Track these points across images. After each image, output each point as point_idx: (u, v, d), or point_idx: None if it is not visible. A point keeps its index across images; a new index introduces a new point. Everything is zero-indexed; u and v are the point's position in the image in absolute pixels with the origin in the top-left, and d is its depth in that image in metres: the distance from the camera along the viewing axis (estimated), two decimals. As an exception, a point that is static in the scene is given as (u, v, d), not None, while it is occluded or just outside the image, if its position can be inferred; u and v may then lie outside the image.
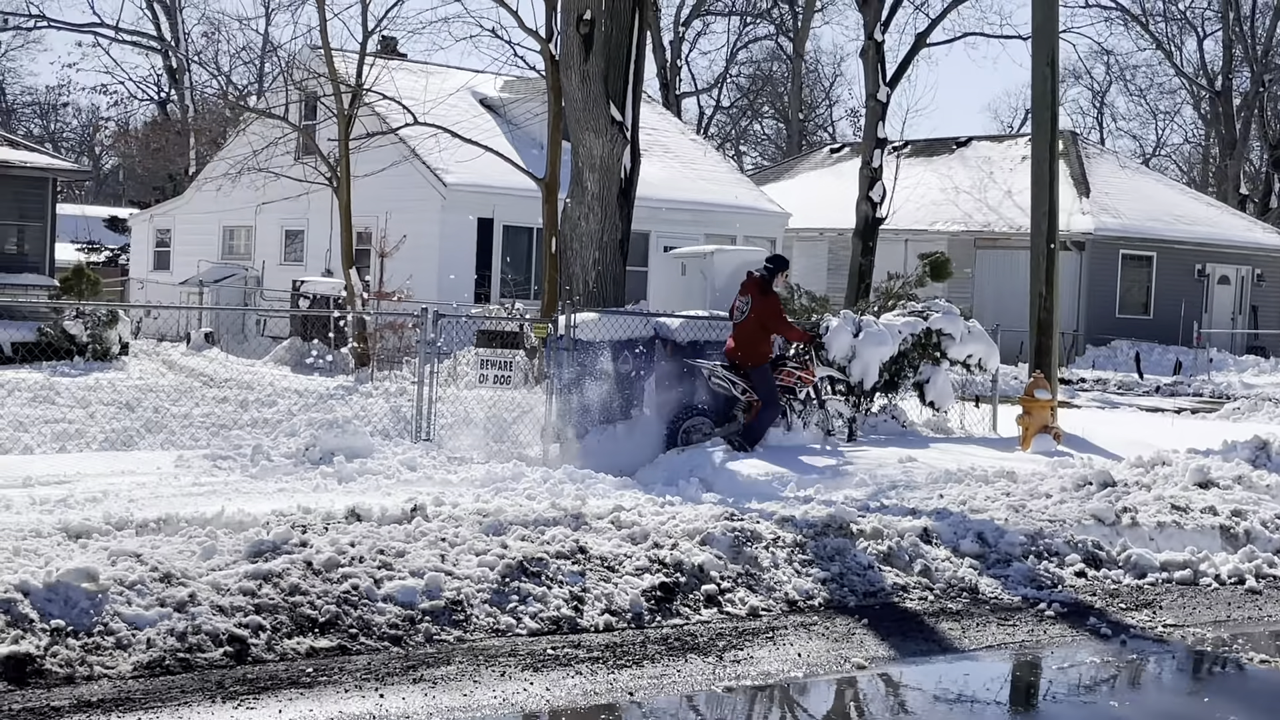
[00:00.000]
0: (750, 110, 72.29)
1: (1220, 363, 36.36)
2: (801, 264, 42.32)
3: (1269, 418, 23.78)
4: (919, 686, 7.86)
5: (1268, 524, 11.66)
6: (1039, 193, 18.12)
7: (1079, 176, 40.75)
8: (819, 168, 48.53)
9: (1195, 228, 41.02)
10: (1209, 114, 63.92)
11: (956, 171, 43.66)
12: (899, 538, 10.21)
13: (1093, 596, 9.86)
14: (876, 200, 34.55)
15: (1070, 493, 12.27)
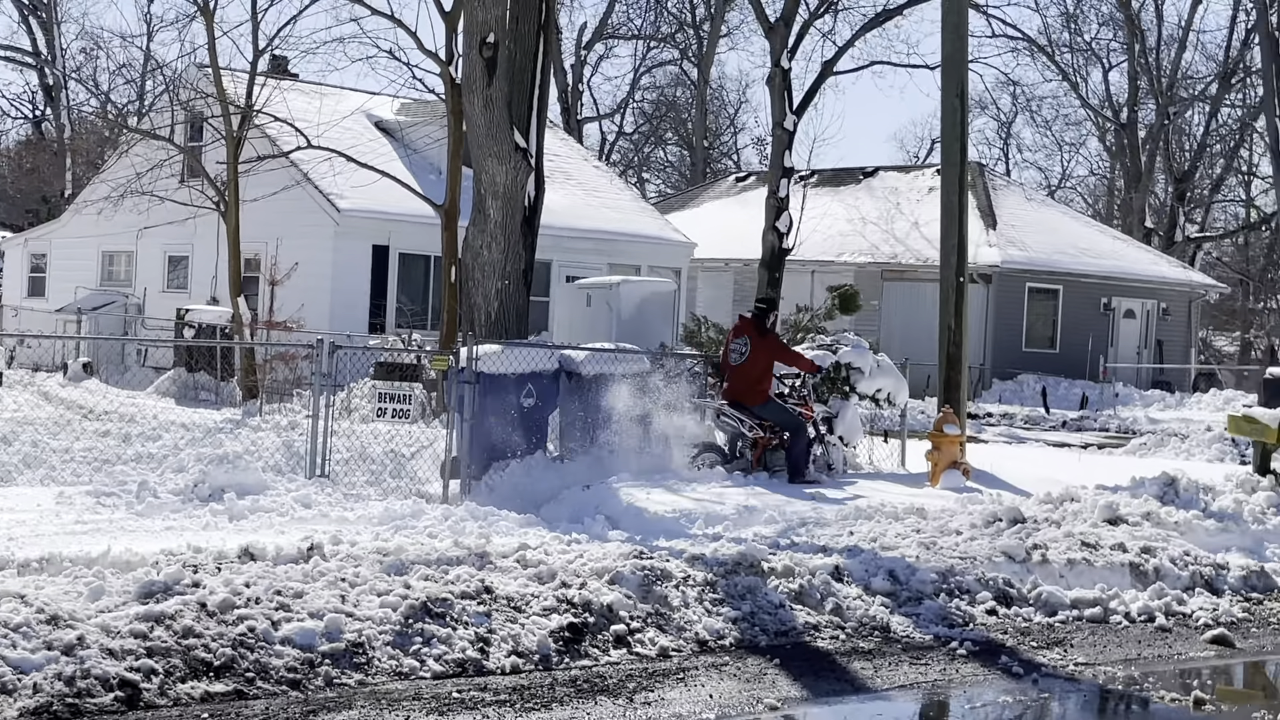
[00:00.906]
0: (654, 137, 72.73)
1: (1126, 397, 37.13)
2: (706, 295, 42.64)
3: (1175, 453, 24.34)
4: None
5: (1176, 561, 11.96)
6: (948, 225, 18.45)
7: (985, 208, 41.48)
8: (724, 196, 48.95)
9: (1101, 261, 41.91)
10: (1114, 146, 65.35)
11: (864, 202, 44.27)
12: (810, 576, 10.34)
13: (1004, 634, 10.05)
14: (783, 230, 34.86)
15: (981, 529, 12.48)
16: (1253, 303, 66.09)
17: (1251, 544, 13.37)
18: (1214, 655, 10.01)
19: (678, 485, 15.41)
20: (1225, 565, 12.24)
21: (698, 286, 42.12)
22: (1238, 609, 11.28)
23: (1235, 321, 65.95)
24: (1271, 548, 13.35)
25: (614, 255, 33.57)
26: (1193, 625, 10.74)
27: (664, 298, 19.17)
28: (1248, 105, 59.88)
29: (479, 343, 15.04)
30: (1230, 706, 8.68)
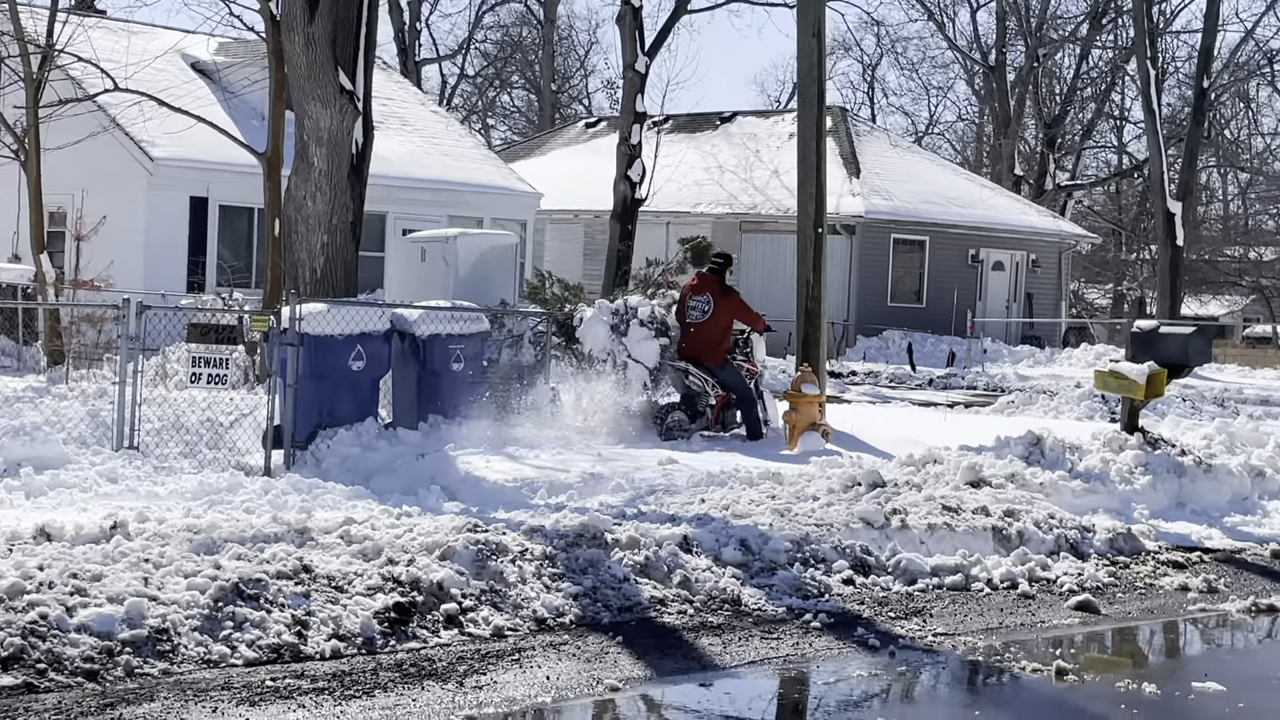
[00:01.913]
0: (498, 80, 72.23)
1: (995, 353, 37.77)
2: (555, 249, 42.54)
3: (1044, 411, 24.79)
4: (677, 708, 7.96)
5: (1041, 524, 12.14)
6: (806, 173, 18.54)
7: (849, 156, 41.83)
8: (574, 144, 48.80)
9: (969, 211, 42.51)
10: (983, 90, 66.30)
11: (721, 149, 44.40)
12: (657, 547, 10.31)
13: (861, 605, 10.12)
14: (635, 180, 34.90)
15: (838, 495, 12.57)
16: (1125, 253, 67.66)
17: (1119, 505, 13.64)
18: (1078, 623, 10.17)
19: (520, 452, 15.36)
20: (1091, 528, 12.46)
21: (545, 239, 41.99)
22: (1103, 574, 11.48)
23: (1107, 273, 67.48)
24: (1139, 508, 13.63)
25: (454, 207, 33.28)
26: (1057, 592, 10.90)
27: (506, 252, 18.99)
28: (1119, 47, 61.06)
29: (303, 302, 14.78)
30: (1094, 676, 8.82)
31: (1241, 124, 67.26)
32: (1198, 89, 45.84)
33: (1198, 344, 15.06)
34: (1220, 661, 9.62)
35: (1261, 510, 14.44)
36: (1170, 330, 15.40)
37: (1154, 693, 8.35)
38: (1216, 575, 11.73)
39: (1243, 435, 16.47)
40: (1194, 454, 14.71)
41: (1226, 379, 36.71)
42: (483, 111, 73.55)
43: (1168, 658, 9.88)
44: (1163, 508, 13.93)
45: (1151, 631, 10.33)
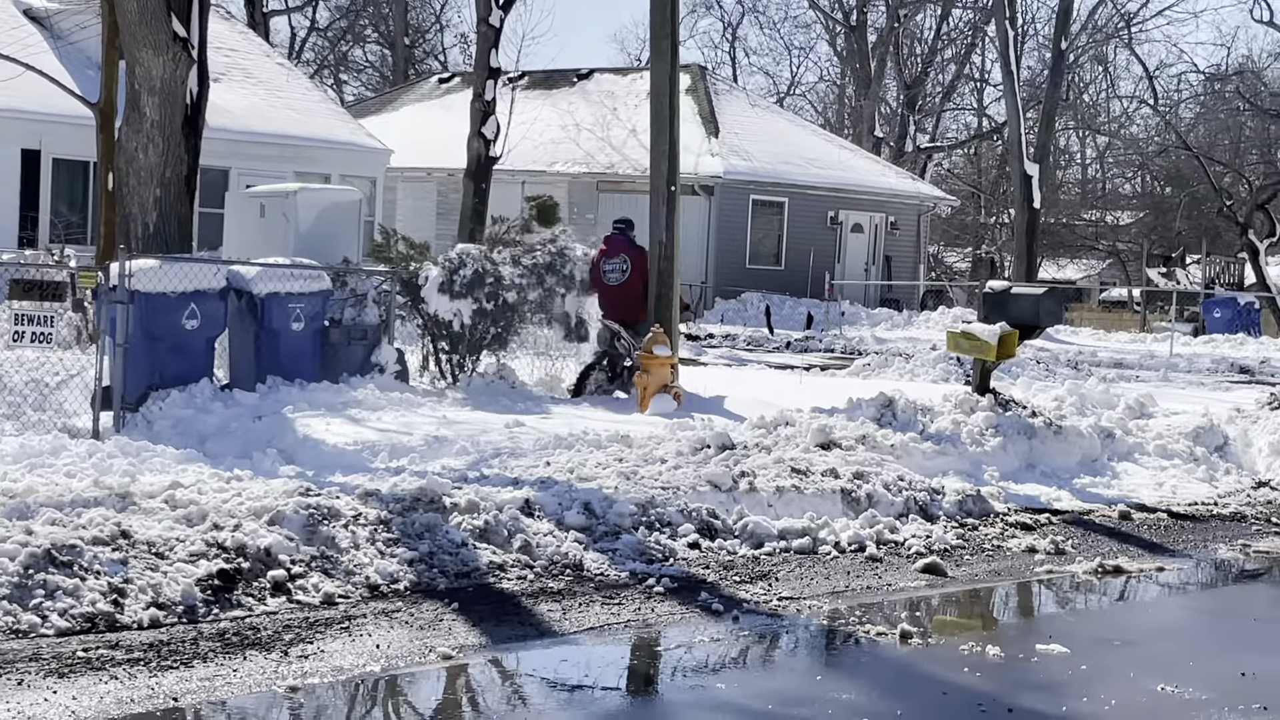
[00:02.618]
0: (350, 34, 71.21)
1: (853, 316, 38.03)
2: (408, 207, 42.07)
3: (899, 374, 24.99)
4: (510, 676, 7.83)
5: (890, 486, 12.17)
6: (659, 130, 18.43)
7: (707, 115, 41.80)
8: (426, 99, 48.27)
9: (828, 172, 42.70)
10: (844, 51, 66.66)
11: (578, 107, 44.13)
12: (497, 511, 10.16)
13: (706, 569, 10.05)
14: (490, 137, 34.51)
15: (687, 457, 12.50)
16: (984, 216, 68.49)
17: (969, 466, 13.73)
18: (925, 585, 10.19)
19: (362, 415, 15.10)
20: (940, 490, 12.52)
21: (397, 198, 41.51)
22: (952, 535, 11.54)
23: (966, 236, 68.29)
24: (989, 470, 13.73)
25: (301, 163, 32.73)
26: (904, 554, 10.93)
27: (348, 208, 18.64)
28: (979, 8, 61.68)
29: (133, 258, 14.40)
30: (938, 639, 8.83)
31: (1099, 88, 68.41)
32: (1056, 51, 46.47)
33: (1049, 304, 15.27)
34: (1064, 623, 9.68)
35: (1111, 471, 14.63)
36: (1022, 291, 15.60)
37: (997, 655, 8.38)
38: (1064, 537, 11.85)
39: (1094, 397, 16.69)
40: (1045, 416, 14.86)
41: (1081, 342, 37.25)
42: (334, 66, 72.49)
43: (1013, 620, 9.94)
44: (1013, 469, 14.05)
45: (998, 594, 10.39)
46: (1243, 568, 11.51)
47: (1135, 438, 15.47)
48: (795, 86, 77.07)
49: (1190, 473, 14.99)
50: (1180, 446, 15.46)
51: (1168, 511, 13.33)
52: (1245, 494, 14.63)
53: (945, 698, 7.63)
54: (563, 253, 17.79)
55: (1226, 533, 12.70)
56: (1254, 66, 61.57)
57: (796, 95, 76.13)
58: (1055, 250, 68.17)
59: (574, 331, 18.02)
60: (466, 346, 17.73)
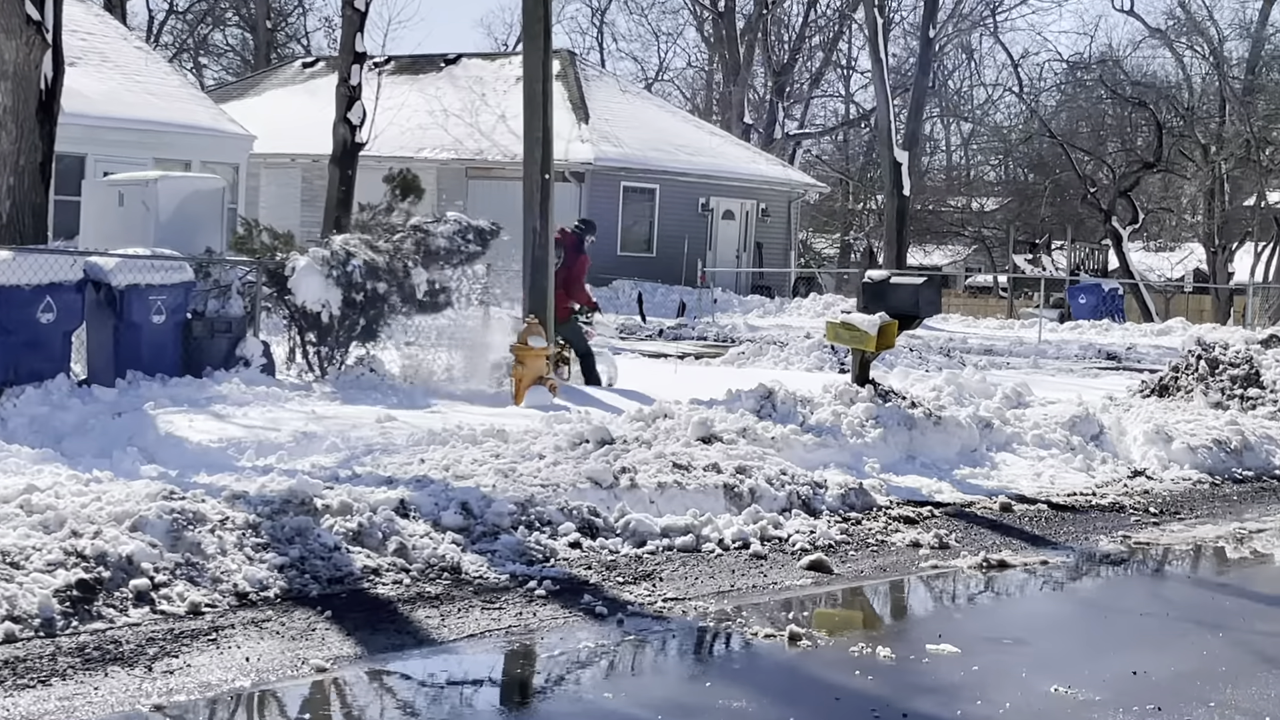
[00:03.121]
0: (210, 17, 69.93)
1: (725, 303, 38.01)
2: (272, 194, 41.37)
3: (774, 362, 24.97)
4: (387, 688, 7.52)
5: (773, 481, 11.99)
6: (532, 116, 18.16)
7: (577, 101, 41.54)
8: (290, 84, 47.52)
9: (699, 158, 42.65)
10: (712, 37, 66.66)
11: (446, 93, 43.64)
12: (371, 512, 9.82)
13: (588, 570, 9.80)
14: (355, 123, 33.87)
15: (566, 452, 12.23)
16: (852, 203, 68.93)
17: (850, 459, 13.61)
18: (811, 583, 10.02)
19: (228, 410, 14.65)
20: (823, 484, 12.37)
21: (261, 184, 40.78)
22: (836, 531, 11.38)
23: (835, 223, 68.71)
24: (870, 462, 13.63)
25: (161, 149, 31.93)
26: (789, 551, 10.75)
27: (211, 196, 18.09)
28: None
29: (-17, 248, 13.87)
30: (828, 640, 8.65)
31: (964, 75, 69.08)
32: (924, 38, 46.72)
33: (928, 294, 15.16)
34: (953, 621, 9.56)
35: (990, 462, 14.60)
36: (901, 281, 15.47)
37: (888, 657, 8.22)
38: (948, 530, 11.75)
39: (970, 386, 16.68)
40: (924, 406, 14.79)
41: (951, 329, 37.59)
42: (194, 50, 71.18)
43: (901, 619, 9.79)
44: (894, 461, 13.96)
45: (884, 591, 10.24)
46: (1125, 560, 11.49)
47: (1013, 427, 15.46)
48: (664, 72, 77.12)
49: (1068, 462, 15.01)
50: (1057, 436, 15.49)
51: (1048, 503, 13.31)
52: (1122, 483, 14.67)
53: (838, 703, 7.45)
54: (428, 234, 17.46)
55: (1106, 524, 12.70)
56: (1115, 55, 62.43)
57: (665, 81, 76.15)
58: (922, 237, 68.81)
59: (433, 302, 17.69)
60: (335, 338, 17.32)
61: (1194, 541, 12.37)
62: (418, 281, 17.45)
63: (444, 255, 17.59)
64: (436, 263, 17.55)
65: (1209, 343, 19.63)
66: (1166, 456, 15.59)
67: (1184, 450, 15.66)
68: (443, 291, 17.96)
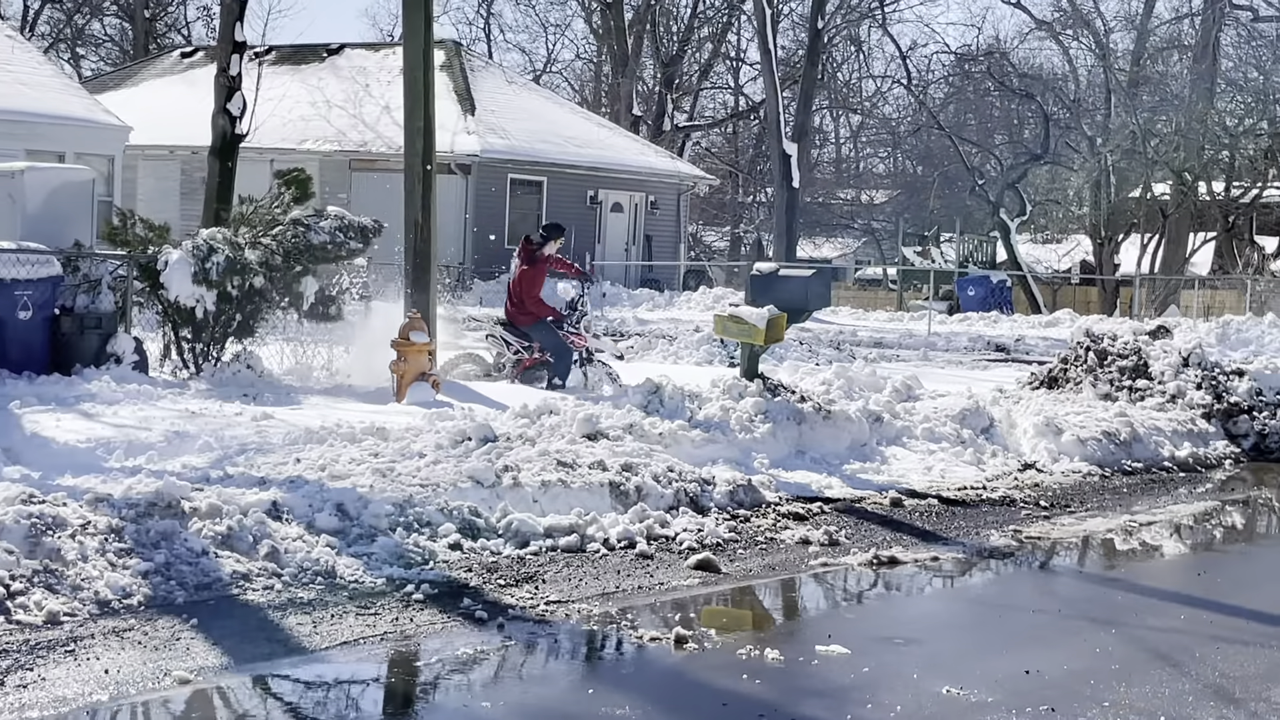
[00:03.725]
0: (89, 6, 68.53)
1: (614, 297, 37.78)
2: (150, 187, 40.57)
3: (663, 356, 24.80)
4: (253, 701, 7.21)
5: (660, 478, 11.78)
6: (413, 106, 17.85)
7: (464, 92, 41.12)
8: (168, 75, 46.65)
9: (587, 150, 42.38)
10: (600, 28, 66.35)
11: (329, 83, 43.03)
12: (241, 515, 9.48)
13: (469, 572, 9.53)
14: (235, 114, 33.22)
15: (448, 450, 11.93)
16: (742, 196, 68.99)
17: (739, 454, 13.41)
18: (698, 583, 9.81)
19: (97, 409, 14.22)
20: (711, 480, 12.18)
21: (139, 176, 39.98)
22: (724, 529, 11.18)
23: (725, 215, 68.72)
24: (759, 457, 13.44)
25: (33, 141, 31.13)
26: (676, 550, 10.54)
27: (81, 188, 17.60)
28: (736, -13, 61.93)
29: None
30: (715, 643, 8.44)
31: (854, 67, 69.32)
32: (812, 30, 46.77)
33: (817, 287, 15.14)
34: (843, 621, 9.40)
35: (880, 456, 14.48)
36: (790, 273, 15.41)
37: (777, 659, 8.03)
38: (838, 527, 11.60)
39: (860, 380, 16.57)
40: (813, 400, 14.64)
41: (841, 321, 37.51)
42: (72, 40, 69.72)
43: (790, 619, 9.60)
44: (783, 456, 13.79)
45: (773, 590, 10.05)
46: (1016, 556, 11.38)
47: (903, 421, 15.36)
48: (552, 64, 76.64)
49: (958, 456, 14.93)
50: (948, 429, 15.41)
51: (938, 497, 13.20)
52: (1013, 476, 14.62)
53: (725, 709, 7.25)
54: (309, 229, 17.10)
55: (997, 518, 12.62)
56: (1002, 48, 62.96)
57: (553, 73, 75.73)
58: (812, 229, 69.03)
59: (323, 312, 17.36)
60: (211, 335, 16.92)
61: (1084, 535, 12.32)
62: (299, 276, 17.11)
63: (325, 251, 17.23)
64: (317, 258, 17.19)
65: (1097, 334, 19.64)
66: (1056, 449, 15.57)
67: (1074, 443, 15.65)
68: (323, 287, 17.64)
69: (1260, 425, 17.66)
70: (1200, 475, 15.91)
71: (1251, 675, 8.17)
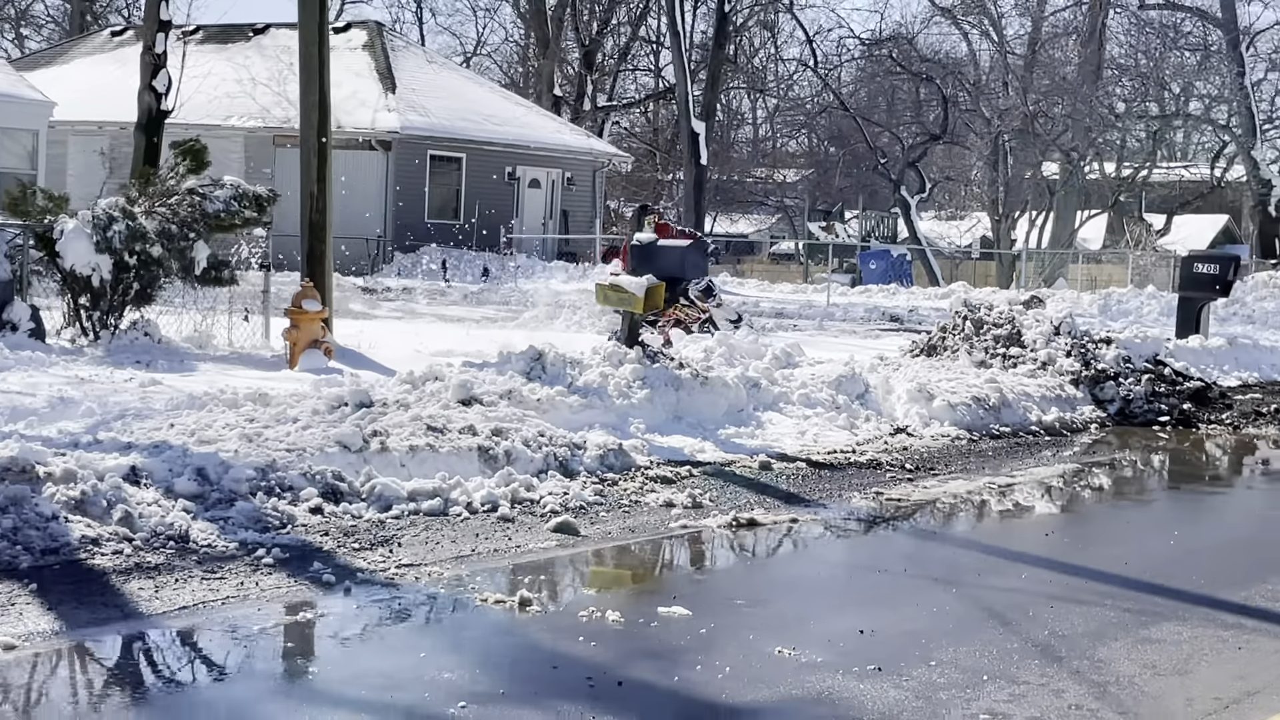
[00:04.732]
0: (28, -15, 67.24)
1: (529, 269, 37.38)
2: (79, 162, 39.78)
3: (568, 325, 24.43)
4: (75, 666, 6.80)
5: (530, 443, 11.43)
6: (308, 80, 17.46)
7: (384, 71, 40.55)
8: (99, 53, 45.75)
9: (505, 128, 41.90)
10: (527, 11, 65.71)
11: (254, 62, 42.29)
12: (97, 480, 9.05)
13: (325, 536, 9.15)
14: (161, 91, 32.64)
15: (324, 416, 11.53)
16: (661, 173, 68.57)
17: (616, 420, 13.08)
18: (555, 546, 9.46)
19: (-14, 376, 13.73)
20: (583, 445, 11.84)
21: (68, 150, 39.17)
22: (590, 492, 10.85)
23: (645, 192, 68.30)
24: (636, 423, 13.12)
25: (-45, 115, 30.39)
26: (539, 514, 10.20)
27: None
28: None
29: None
30: (559, 605, 8.13)
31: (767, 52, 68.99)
32: (719, 13, 46.39)
33: (694, 257, 14.77)
34: (691, 583, 9.07)
35: (756, 421, 14.20)
36: (668, 244, 15.03)
37: (617, 621, 7.70)
38: (703, 490, 11.30)
39: (742, 348, 16.26)
40: (692, 367, 14.33)
41: (747, 293, 37.37)
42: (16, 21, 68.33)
43: (639, 582, 9.23)
44: (660, 422, 13.48)
45: (628, 553, 9.70)
46: (874, 516, 11.09)
47: (780, 387, 15.07)
48: (481, 47, 75.93)
49: (832, 421, 14.67)
50: (824, 395, 15.14)
51: (807, 461, 12.94)
52: (883, 441, 14.37)
53: (555, 671, 6.91)
54: (204, 198, 16.63)
55: (862, 480, 12.35)
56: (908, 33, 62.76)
57: (482, 55, 75.02)
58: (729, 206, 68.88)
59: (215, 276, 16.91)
60: (109, 303, 16.42)
61: (944, 497, 12.06)
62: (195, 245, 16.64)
63: (220, 219, 16.76)
64: (213, 226, 16.73)
65: (975, 304, 19.47)
66: (928, 414, 15.35)
67: (945, 408, 15.44)
68: (221, 258, 17.19)
69: (1125, 391, 17.52)
70: (1066, 439, 15.73)
71: (1081, 634, 7.92)
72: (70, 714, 6.16)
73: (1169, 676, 7.28)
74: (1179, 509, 12.94)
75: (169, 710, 6.25)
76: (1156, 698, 6.94)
